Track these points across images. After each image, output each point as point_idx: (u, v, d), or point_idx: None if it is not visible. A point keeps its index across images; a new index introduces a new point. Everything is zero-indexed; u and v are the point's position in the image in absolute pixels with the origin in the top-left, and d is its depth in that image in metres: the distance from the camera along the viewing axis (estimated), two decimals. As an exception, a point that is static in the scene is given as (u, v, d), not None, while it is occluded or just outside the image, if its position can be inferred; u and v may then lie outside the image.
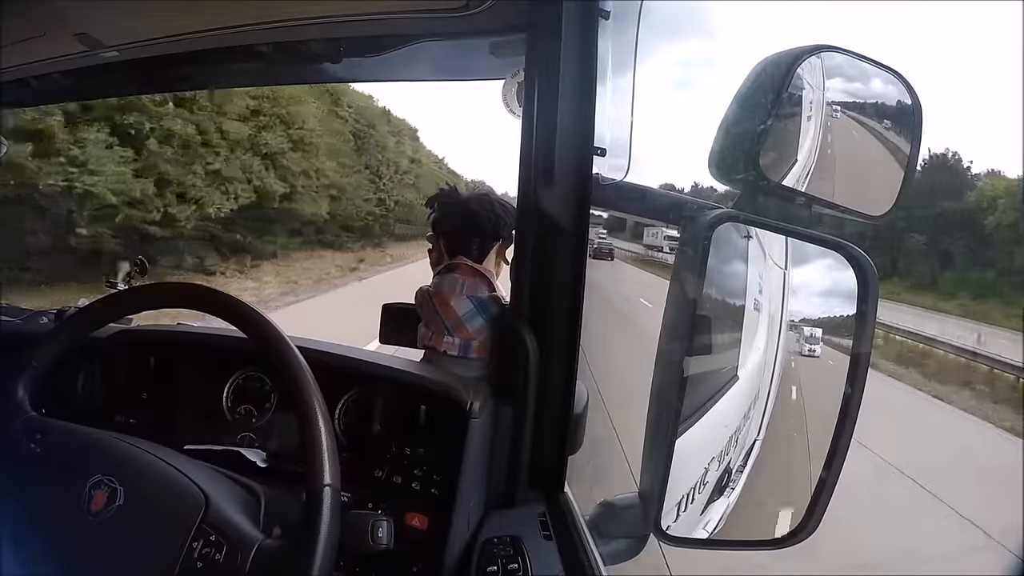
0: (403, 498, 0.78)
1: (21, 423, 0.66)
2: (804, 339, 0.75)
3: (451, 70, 1.11)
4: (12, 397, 0.67)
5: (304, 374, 0.63)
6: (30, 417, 0.67)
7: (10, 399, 0.67)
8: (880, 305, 0.67)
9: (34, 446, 0.63)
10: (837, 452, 0.67)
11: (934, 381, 7.89)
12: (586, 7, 0.74)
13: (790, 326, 0.77)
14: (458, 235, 0.94)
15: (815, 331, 0.75)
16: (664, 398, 0.67)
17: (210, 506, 0.58)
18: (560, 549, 0.72)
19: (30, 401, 0.68)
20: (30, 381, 0.69)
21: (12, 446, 0.64)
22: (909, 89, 0.71)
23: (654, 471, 0.67)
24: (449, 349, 0.88)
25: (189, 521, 0.57)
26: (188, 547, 0.56)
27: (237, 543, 0.56)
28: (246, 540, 0.57)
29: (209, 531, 0.57)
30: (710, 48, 38.02)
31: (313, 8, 0.91)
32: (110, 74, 1.15)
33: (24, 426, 0.65)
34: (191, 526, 0.57)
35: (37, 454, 0.63)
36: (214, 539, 0.56)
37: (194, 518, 0.57)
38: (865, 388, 0.66)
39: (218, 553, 0.56)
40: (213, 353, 0.93)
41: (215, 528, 0.57)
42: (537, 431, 0.78)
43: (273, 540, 0.58)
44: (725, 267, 0.72)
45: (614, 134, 0.79)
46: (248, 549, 0.56)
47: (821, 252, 0.71)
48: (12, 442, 0.64)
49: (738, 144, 0.69)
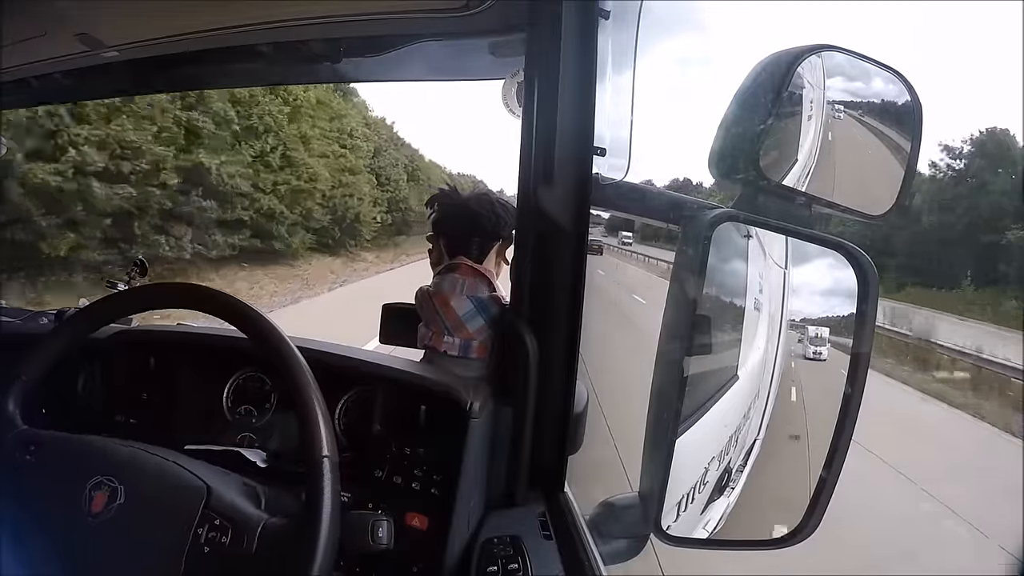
0: (403, 498, 0.78)
1: (13, 437, 0.65)
2: (808, 340, 0.74)
3: (451, 70, 1.11)
4: (2, 412, 0.67)
5: (304, 374, 0.63)
6: (22, 431, 0.66)
7: (1, 413, 0.66)
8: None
9: (29, 457, 0.63)
10: (837, 452, 0.67)
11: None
12: (586, 7, 0.74)
13: (791, 325, 0.77)
14: (458, 235, 0.94)
15: (821, 331, 0.74)
16: (664, 398, 0.67)
17: (212, 493, 0.59)
18: (560, 549, 0.72)
19: (21, 415, 0.67)
20: (20, 394, 0.68)
21: (5, 459, 0.63)
22: (909, 88, 0.71)
23: (654, 471, 0.67)
24: (449, 349, 0.88)
25: (192, 509, 0.58)
26: (194, 533, 0.57)
27: (242, 525, 0.57)
28: (251, 521, 0.57)
29: (213, 516, 0.57)
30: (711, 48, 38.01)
31: (313, 8, 0.91)
32: (110, 74, 1.15)
33: (16, 440, 0.65)
34: (195, 513, 0.57)
35: (32, 464, 0.63)
36: (219, 523, 0.57)
37: (197, 505, 0.58)
38: (865, 388, 0.66)
39: (224, 536, 0.56)
40: (213, 353, 0.94)
41: (219, 512, 0.58)
42: (537, 431, 0.78)
43: (278, 519, 0.58)
44: (725, 267, 0.72)
45: (614, 134, 0.79)
46: (253, 529, 0.57)
47: (821, 252, 0.71)
48: (5, 455, 0.64)
49: (738, 144, 0.69)
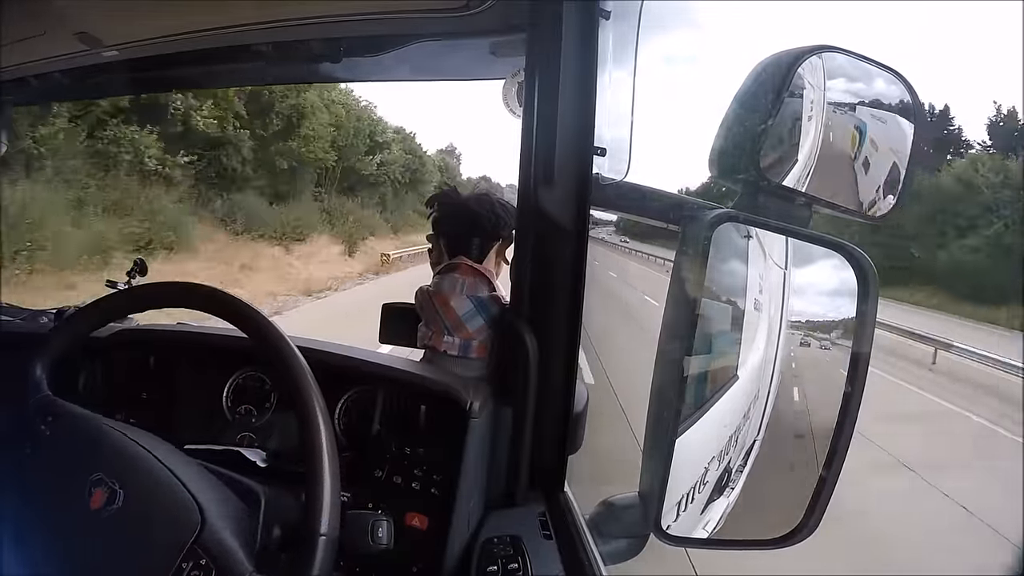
0: (403, 498, 0.78)
1: (37, 401, 0.66)
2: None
3: (451, 70, 1.11)
4: (32, 374, 0.68)
5: (304, 374, 0.63)
6: (45, 396, 0.67)
7: (29, 376, 0.68)
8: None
9: (44, 428, 0.64)
10: (837, 452, 0.67)
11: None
12: (586, 7, 0.74)
13: (791, 326, 0.77)
14: (458, 235, 0.94)
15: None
16: (664, 397, 0.67)
17: (205, 526, 0.57)
18: (560, 549, 0.72)
19: (48, 381, 0.69)
20: (48, 361, 0.70)
21: (25, 423, 0.64)
22: (910, 89, 0.72)
23: (654, 470, 0.67)
24: (449, 349, 0.88)
25: (183, 539, 0.56)
26: (178, 567, 0.55)
27: (225, 572, 0.55)
28: (235, 571, 0.55)
29: (200, 554, 0.55)
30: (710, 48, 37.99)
31: (313, 8, 0.91)
32: (110, 73, 1.16)
33: (39, 404, 0.66)
34: (184, 545, 0.56)
35: (46, 436, 0.64)
36: (204, 563, 0.55)
37: (187, 538, 0.56)
38: (865, 388, 0.66)
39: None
40: (213, 353, 0.94)
41: (207, 551, 0.55)
42: (537, 431, 0.78)
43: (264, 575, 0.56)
44: (725, 267, 0.72)
45: (614, 134, 0.79)
46: None
47: (821, 252, 0.71)
48: (26, 419, 0.65)
49: (738, 144, 0.69)
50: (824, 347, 0.74)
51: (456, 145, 24.76)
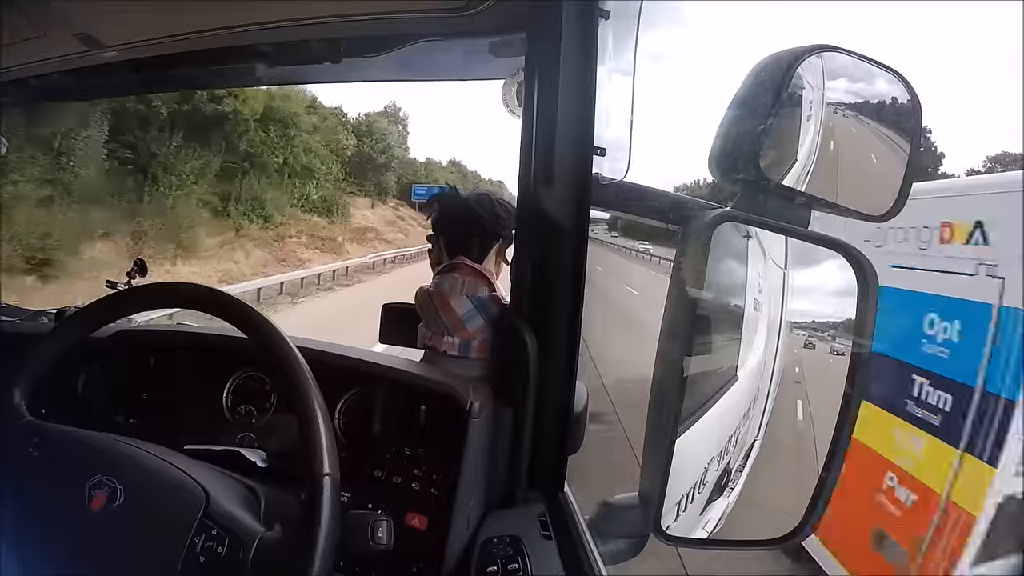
0: (403, 498, 0.78)
1: (18, 428, 0.65)
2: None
3: (451, 70, 1.11)
4: (8, 402, 0.67)
5: (304, 374, 0.63)
6: (27, 421, 0.67)
7: (6, 404, 0.67)
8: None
9: (31, 450, 0.63)
10: (837, 452, 0.67)
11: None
12: (586, 7, 0.74)
13: (793, 326, 0.77)
14: (458, 235, 0.94)
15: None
16: (664, 398, 0.67)
17: (211, 501, 0.59)
18: (560, 549, 0.72)
19: (27, 405, 0.68)
20: (26, 386, 0.69)
21: (10, 451, 0.64)
22: (909, 89, 0.71)
23: (654, 471, 0.67)
24: (449, 349, 0.88)
25: (191, 516, 0.57)
26: (191, 542, 0.56)
27: (239, 536, 0.57)
28: (248, 533, 0.57)
29: (211, 525, 0.57)
30: (710, 47, 37.89)
31: (313, 8, 0.91)
32: (110, 74, 1.15)
33: (21, 431, 0.65)
34: (193, 520, 0.57)
35: (35, 458, 0.63)
36: (216, 533, 0.57)
37: (195, 513, 0.58)
38: (865, 388, 0.66)
39: (220, 547, 0.56)
40: (213, 353, 0.93)
41: (216, 522, 0.57)
42: (537, 431, 0.78)
43: (274, 533, 0.58)
44: (725, 267, 0.72)
45: (614, 134, 0.79)
46: (250, 542, 0.56)
47: (820, 252, 0.71)
48: (9, 447, 0.64)
49: (738, 144, 0.69)
50: (837, 352, 0.73)
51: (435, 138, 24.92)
